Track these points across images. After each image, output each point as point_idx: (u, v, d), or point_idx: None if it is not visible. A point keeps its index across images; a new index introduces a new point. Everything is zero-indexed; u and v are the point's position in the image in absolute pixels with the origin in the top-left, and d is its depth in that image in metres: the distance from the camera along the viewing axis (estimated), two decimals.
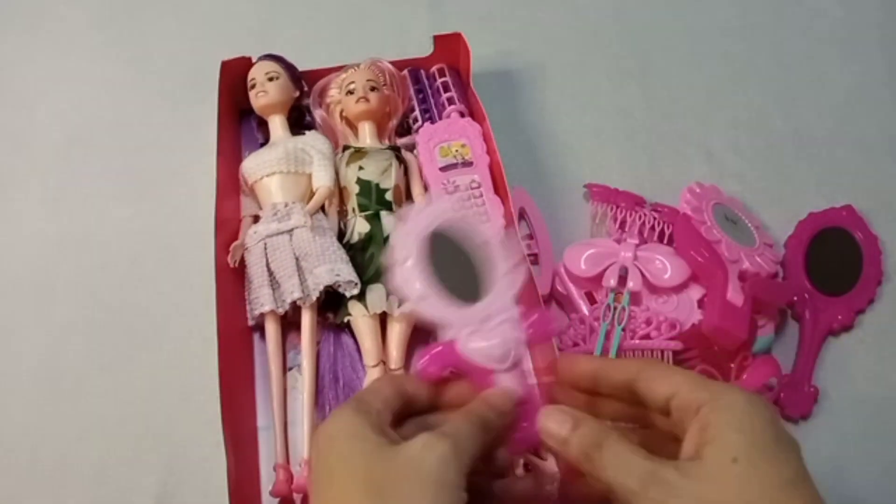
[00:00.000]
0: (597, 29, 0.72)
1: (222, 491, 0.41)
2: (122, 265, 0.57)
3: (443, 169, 0.56)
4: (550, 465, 0.48)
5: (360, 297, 0.51)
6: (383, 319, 0.52)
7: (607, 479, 0.29)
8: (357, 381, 0.51)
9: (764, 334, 0.51)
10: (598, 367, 0.34)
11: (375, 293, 0.51)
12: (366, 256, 0.52)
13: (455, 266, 0.35)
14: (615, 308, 0.50)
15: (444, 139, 0.58)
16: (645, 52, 0.71)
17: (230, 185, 0.57)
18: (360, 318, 0.51)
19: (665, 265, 0.52)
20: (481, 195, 0.55)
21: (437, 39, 0.62)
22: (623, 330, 0.49)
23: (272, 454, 0.48)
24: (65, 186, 0.62)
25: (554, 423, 0.32)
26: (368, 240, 0.53)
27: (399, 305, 0.51)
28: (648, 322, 0.49)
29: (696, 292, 0.52)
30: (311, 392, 0.49)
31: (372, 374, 0.50)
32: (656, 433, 0.33)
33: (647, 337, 0.48)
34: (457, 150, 0.57)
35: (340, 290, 0.51)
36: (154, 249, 0.58)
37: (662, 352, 0.48)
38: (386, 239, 0.53)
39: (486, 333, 0.34)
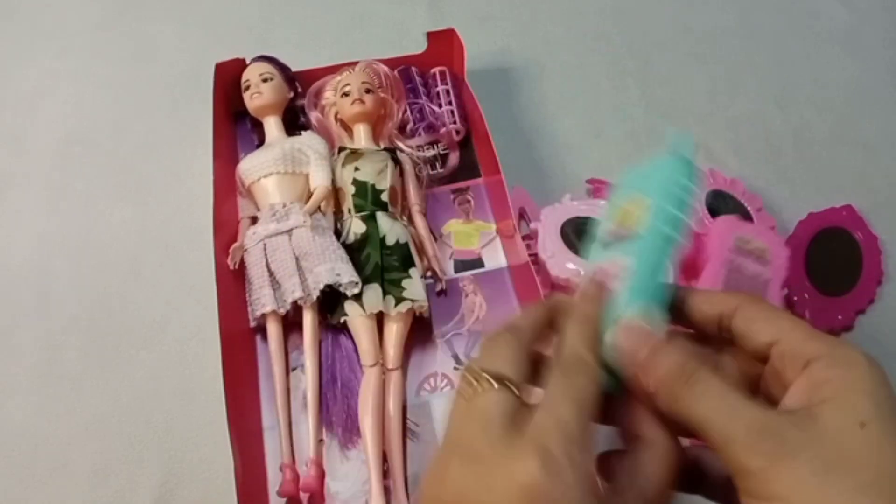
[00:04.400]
0: (597, 29, 0.72)
1: (222, 491, 0.41)
2: (122, 265, 0.57)
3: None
4: None
5: (357, 297, 0.51)
6: (380, 319, 0.52)
7: (697, 419, 0.25)
8: (355, 382, 0.51)
9: None
10: (691, 296, 0.30)
11: (372, 293, 0.51)
12: (362, 256, 0.53)
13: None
14: None
15: None
16: (645, 52, 0.71)
17: (227, 187, 0.57)
18: (356, 317, 0.51)
19: None
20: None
21: (431, 36, 0.62)
22: None
23: (278, 454, 0.48)
24: (65, 186, 0.62)
25: (632, 340, 0.28)
26: (364, 240, 0.53)
27: (395, 305, 0.51)
28: None
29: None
30: (315, 392, 0.49)
31: (369, 375, 0.50)
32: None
33: None
34: None
35: (342, 289, 0.51)
36: (153, 250, 0.58)
37: None
38: (382, 239, 0.53)
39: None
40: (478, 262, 0.57)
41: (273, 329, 0.51)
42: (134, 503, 0.48)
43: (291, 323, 0.52)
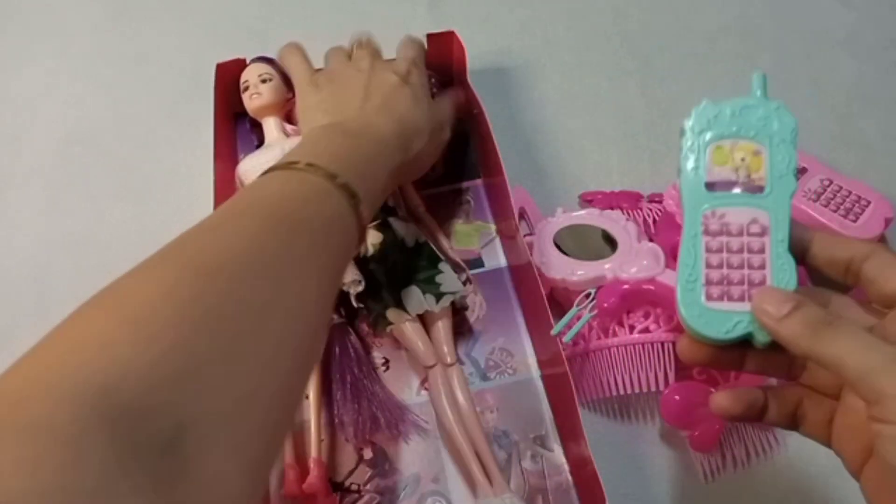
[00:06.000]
0: (597, 29, 0.72)
1: None
2: (122, 265, 0.57)
3: None
4: (558, 455, 0.48)
5: (397, 303, 0.51)
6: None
7: (837, 355, 0.28)
8: (364, 381, 0.51)
9: None
10: (818, 239, 0.33)
11: (412, 296, 0.51)
12: (388, 264, 0.52)
13: (583, 243, 0.53)
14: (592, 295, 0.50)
15: None
16: (645, 52, 0.71)
17: (227, 187, 0.57)
18: (403, 323, 0.50)
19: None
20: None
21: (431, 38, 0.62)
22: (592, 316, 0.49)
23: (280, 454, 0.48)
24: (65, 186, 0.62)
25: (772, 301, 0.31)
26: (384, 248, 0.53)
27: (437, 301, 0.51)
28: (647, 315, 0.49)
29: None
30: (318, 392, 0.49)
31: (434, 375, 0.50)
32: None
33: (646, 330, 0.49)
34: None
35: (344, 288, 0.50)
36: (153, 250, 0.57)
37: (663, 344, 0.48)
38: (401, 243, 0.53)
39: (631, 261, 0.50)
40: (478, 262, 0.57)
41: None
42: None
43: None
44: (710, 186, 0.34)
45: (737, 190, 0.33)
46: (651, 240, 0.54)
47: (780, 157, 0.33)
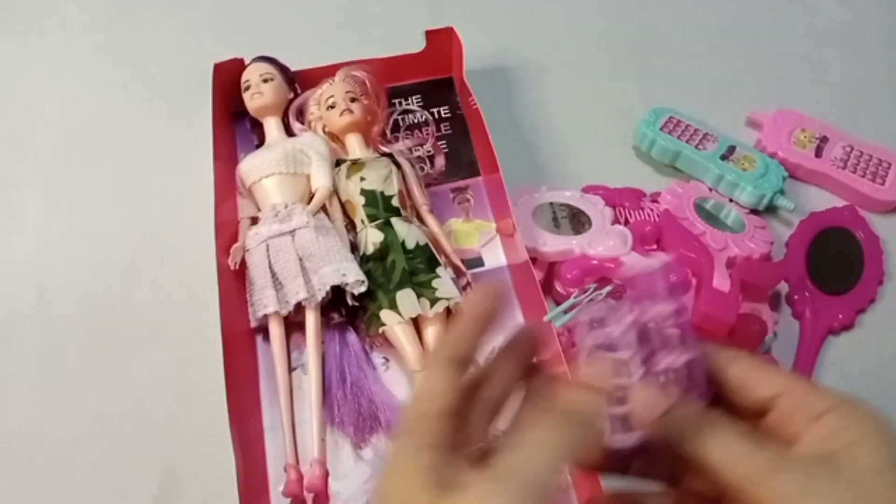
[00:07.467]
0: (597, 28, 0.73)
1: (222, 492, 0.41)
2: (122, 265, 0.57)
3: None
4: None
5: (391, 304, 0.51)
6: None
7: (714, 459, 0.27)
8: (364, 380, 0.51)
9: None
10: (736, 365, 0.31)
11: (406, 298, 0.51)
12: (386, 264, 0.52)
13: (560, 218, 0.56)
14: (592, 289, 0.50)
15: None
16: (645, 52, 0.71)
17: (227, 187, 0.57)
18: (395, 325, 0.50)
19: None
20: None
21: (430, 35, 0.62)
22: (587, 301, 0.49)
23: (279, 455, 0.48)
24: (65, 186, 0.62)
25: (645, 403, 0.28)
26: (385, 248, 0.53)
27: (432, 306, 0.51)
28: None
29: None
30: (319, 392, 0.49)
31: (419, 381, 0.50)
32: None
33: None
34: None
35: (348, 288, 0.50)
36: (153, 250, 0.58)
37: None
38: (402, 244, 0.53)
39: (599, 240, 0.53)
40: (478, 261, 0.57)
41: (275, 329, 0.51)
42: (134, 503, 0.48)
43: (292, 323, 0.52)
44: None
45: None
46: (658, 241, 0.54)
47: None
